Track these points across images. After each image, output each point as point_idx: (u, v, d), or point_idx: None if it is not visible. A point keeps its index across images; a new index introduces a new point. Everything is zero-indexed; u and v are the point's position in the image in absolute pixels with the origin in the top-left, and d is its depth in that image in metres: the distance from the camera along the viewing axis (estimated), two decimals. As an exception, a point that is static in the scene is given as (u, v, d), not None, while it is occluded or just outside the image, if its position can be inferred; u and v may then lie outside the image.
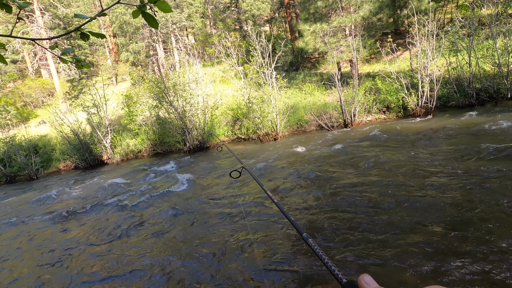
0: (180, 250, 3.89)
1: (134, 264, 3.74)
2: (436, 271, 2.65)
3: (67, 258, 4.25)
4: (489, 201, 3.65)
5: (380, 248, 3.10)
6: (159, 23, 24.26)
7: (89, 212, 6.23)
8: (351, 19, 13.39)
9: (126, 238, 4.60)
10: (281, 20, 26.15)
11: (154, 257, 3.81)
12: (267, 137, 11.40)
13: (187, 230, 4.51)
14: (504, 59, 9.70)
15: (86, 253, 4.33)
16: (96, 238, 4.80)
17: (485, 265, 2.62)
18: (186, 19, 24.84)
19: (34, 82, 26.75)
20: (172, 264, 3.58)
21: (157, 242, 4.25)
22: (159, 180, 7.79)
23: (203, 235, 4.20)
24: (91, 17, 1.09)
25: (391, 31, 19.25)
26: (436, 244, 3.01)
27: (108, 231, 5.02)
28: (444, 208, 3.66)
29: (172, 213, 5.29)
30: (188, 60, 13.33)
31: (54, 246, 4.78)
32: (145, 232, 4.68)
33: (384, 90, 11.73)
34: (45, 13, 24.58)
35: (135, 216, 5.51)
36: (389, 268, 2.80)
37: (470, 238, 3.02)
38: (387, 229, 3.44)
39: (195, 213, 5.12)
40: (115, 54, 34.37)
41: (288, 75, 17.76)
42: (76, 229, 5.41)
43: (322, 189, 5.12)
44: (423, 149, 6.33)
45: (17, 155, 13.74)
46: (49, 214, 6.68)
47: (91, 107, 13.79)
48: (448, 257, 2.78)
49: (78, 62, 1.19)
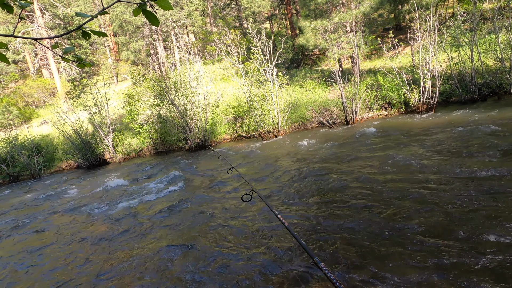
0: (181, 248, 3.91)
1: (137, 261, 3.76)
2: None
3: (72, 255, 4.29)
4: (491, 196, 3.64)
5: (390, 263, 3.08)
6: (159, 21, 24.47)
7: (92, 210, 6.27)
8: (352, 15, 13.31)
9: (128, 235, 4.63)
10: (282, 17, 26.03)
11: (155, 254, 3.84)
12: (268, 135, 11.39)
13: (190, 228, 4.53)
14: (507, 53, 9.62)
15: (90, 250, 4.37)
16: (99, 237, 4.83)
17: (484, 260, 2.62)
18: (186, 17, 24.77)
19: (35, 82, 26.81)
20: (174, 262, 3.61)
21: (160, 240, 4.27)
22: (161, 179, 7.81)
23: (204, 233, 4.22)
24: (92, 16, 1.09)
25: (392, 26, 19.13)
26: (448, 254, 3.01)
27: (111, 229, 5.05)
28: (447, 207, 3.65)
29: (173, 211, 5.31)
30: (189, 58, 13.31)
31: (57, 244, 4.82)
32: (147, 231, 4.70)
33: (385, 86, 11.67)
34: (45, 13, 24.60)
35: (137, 214, 5.54)
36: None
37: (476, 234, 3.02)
38: (393, 237, 3.44)
39: (197, 211, 5.13)
40: (115, 53, 34.37)
41: (289, 72, 17.71)
42: (80, 227, 5.45)
43: (325, 191, 5.12)
44: (425, 145, 6.31)
45: (20, 155, 13.81)
46: (51, 213, 6.73)
47: (92, 106, 13.82)
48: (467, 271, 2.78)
49: (80, 61, 1.19)
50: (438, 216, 3.43)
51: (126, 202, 6.35)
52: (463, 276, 2.50)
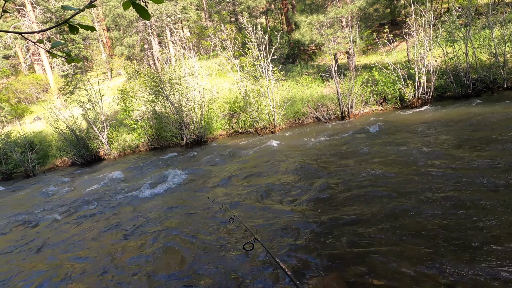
0: (176, 245, 3.90)
1: (132, 260, 3.75)
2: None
3: (65, 254, 4.26)
4: (484, 189, 3.68)
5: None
6: (153, 16, 23.56)
7: (86, 208, 6.22)
8: (347, 10, 13.25)
9: (122, 233, 4.61)
10: (277, 12, 25.81)
11: (151, 252, 3.83)
12: (264, 130, 11.37)
13: (183, 224, 4.51)
14: (501, 48, 9.67)
15: (83, 248, 4.34)
16: (93, 234, 4.80)
17: (484, 254, 2.65)
18: (180, 12, 24.44)
19: (27, 77, 26.34)
20: (169, 259, 3.60)
21: (156, 238, 4.26)
22: (156, 175, 7.77)
23: (198, 230, 4.22)
24: (79, 9, 1.05)
25: (388, 21, 19.12)
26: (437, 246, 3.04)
27: (104, 226, 5.02)
28: (442, 200, 3.69)
29: (167, 208, 5.29)
30: (184, 53, 13.16)
31: (50, 242, 4.78)
32: (142, 228, 4.68)
33: (381, 81, 11.69)
34: (36, 7, 24.07)
35: (131, 211, 5.51)
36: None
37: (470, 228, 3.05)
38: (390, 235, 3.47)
39: (191, 208, 5.12)
40: (109, 48, 33.89)
41: (285, 68, 17.63)
42: (73, 224, 5.41)
43: (322, 186, 5.13)
44: (420, 140, 6.35)
45: (12, 152, 13.61)
46: (45, 210, 6.67)
47: (86, 102, 13.64)
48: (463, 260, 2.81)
49: (68, 56, 1.15)
50: (440, 208, 3.47)
51: (118, 198, 6.31)
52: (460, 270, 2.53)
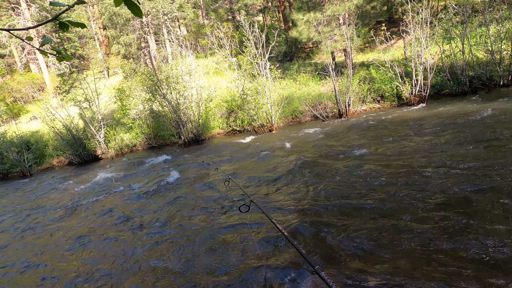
0: (173, 244, 3.89)
1: (129, 259, 3.74)
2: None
3: (61, 254, 4.24)
4: (481, 186, 3.69)
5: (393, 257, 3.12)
6: (149, 14, 23.30)
7: (82, 207, 6.19)
8: (344, 8, 13.23)
9: (119, 232, 4.59)
10: (274, 10, 25.74)
11: (147, 251, 3.82)
12: (262, 129, 11.36)
13: (182, 224, 4.50)
14: (497, 46, 9.70)
15: (80, 248, 4.32)
16: (90, 234, 4.77)
17: (482, 250, 2.66)
18: (177, 10, 24.31)
19: (23, 77, 26.11)
20: (167, 258, 3.59)
21: (151, 237, 4.25)
22: (153, 174, 7.75)
23: (196, 230, 4.21)
24: (68, 5, 1.03)
25: (385, 19, 19.10)
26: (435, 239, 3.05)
27: (101, 226, 5.00)
28: (437, 197, 3.70)
29: (164, 207, 5.27)
30: (181, 52, 13.10)
31: (46, 242, 4.76)
32: (139, 227, 4.67)
33: (378, 79, 11.71)
34: (31, 5, 23.83)
35: (127, 211, 5.49)
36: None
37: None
38: (388, 230, 3.47)
39: (189, 207, 5.11)
40: (106, 46, 33.66)
41: (282, 66, 17.61)
42: (70, 225, 5.38)
43: (319, 183, 5.13)
44: (417, 137, 6.37)
45: (9, 152, 13.51)
46: (42, 210, 6.63)
47: (83, 101, 13.55)
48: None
49: (59, 54, 1.13)
50: (438, 206, 3.48)
51: (115, 198, 6.29)
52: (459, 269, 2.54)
